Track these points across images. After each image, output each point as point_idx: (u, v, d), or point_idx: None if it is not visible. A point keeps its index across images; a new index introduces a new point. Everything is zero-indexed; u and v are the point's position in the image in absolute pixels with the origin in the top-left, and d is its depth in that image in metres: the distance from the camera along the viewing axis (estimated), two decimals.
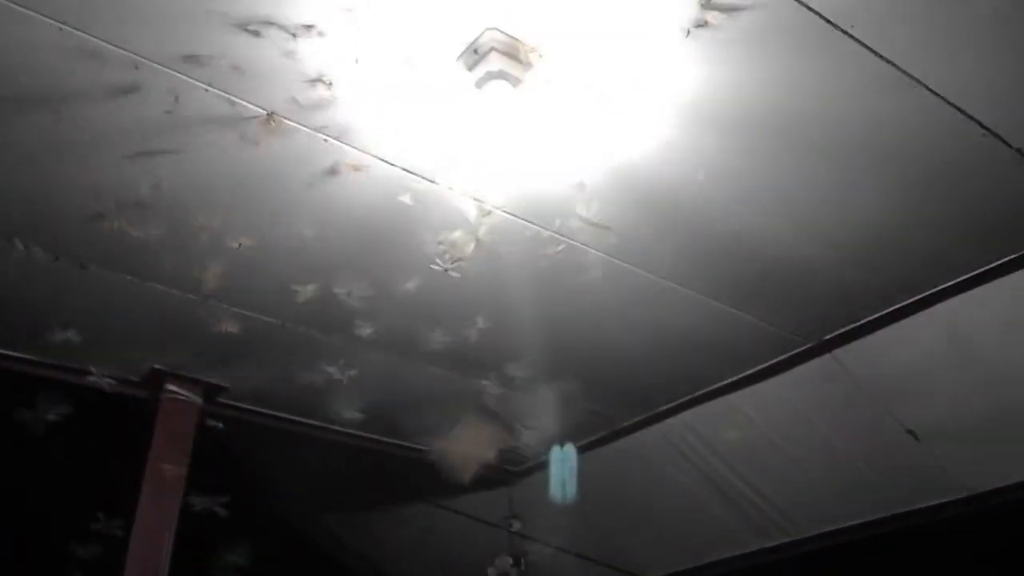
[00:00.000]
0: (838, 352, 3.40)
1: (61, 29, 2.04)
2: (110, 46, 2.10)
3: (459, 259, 2.76)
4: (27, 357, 3.43)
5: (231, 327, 3.20)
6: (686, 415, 3.95)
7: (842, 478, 3.70)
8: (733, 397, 3.76)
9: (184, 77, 2.20)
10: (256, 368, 3.59)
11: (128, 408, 3.61)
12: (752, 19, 2.03)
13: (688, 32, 2.06)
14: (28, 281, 2.97)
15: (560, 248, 2.84)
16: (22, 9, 1.99)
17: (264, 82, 2.23)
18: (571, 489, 2.88)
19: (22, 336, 3.33)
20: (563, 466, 2.74)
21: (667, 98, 2.28)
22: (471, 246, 2.70)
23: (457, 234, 2.71)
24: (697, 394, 3.85)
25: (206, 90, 2.24)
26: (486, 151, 2.47)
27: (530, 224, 2.76)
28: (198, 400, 3.64)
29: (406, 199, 2.59)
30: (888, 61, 2.13)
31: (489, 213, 2.68)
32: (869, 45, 2.09)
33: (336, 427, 4.05)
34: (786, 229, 2.76)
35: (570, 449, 2.68)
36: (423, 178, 2.57)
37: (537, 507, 4.58)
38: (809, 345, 3.43)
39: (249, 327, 3.23)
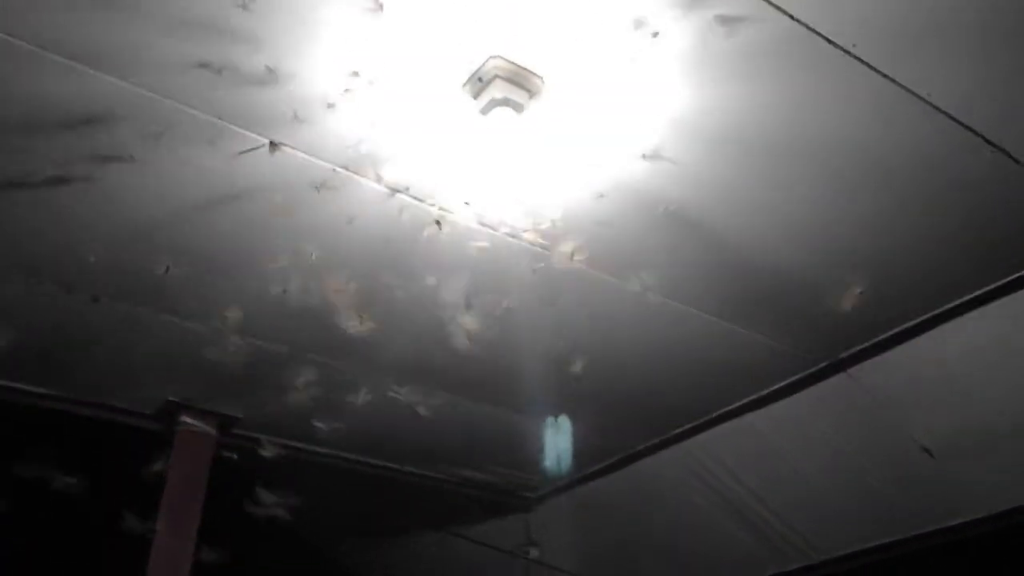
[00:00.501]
0: (853, 370, 3.37)
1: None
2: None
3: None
4: (39, 391, 3.45)
5: (244, 357, 3.21)
6: (702, 437, 3.92)
7: (859, 498, 3.66)
8: (749, 418, 3.73)
9: (186, 108, 2.22)
10: (270, 398, 3.59)
11: (141, 441, 3.62)
12: (754, 41, 2.04)
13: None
14: (41, 314, 2.99)
15: (566, 271, 2.84)
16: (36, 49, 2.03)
17: (266, 113, 2.25)
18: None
19: (35, 369, 3.36)
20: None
21: (671, 120, 2.29)
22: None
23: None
24: (712, 416, 3.82)
25: (215, 122, 2.26)
26: (491, 175, 2.49)
27: (534, 248, 2.76)
28: (212, 431, 3.65)
29: (412, 225, 2.61)
30: (891, 79, 2.13)
31: (495, 237, 2.70)
32: (872, 64, 2.09)
33: (350, 455, 4.04)
34: (797, 248, 2.75)
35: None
36: (430, 204, 2.58)
37: (555, 534, 4.55)
38: (824, 364, 3.40)
39: (262, 356, 3.24)
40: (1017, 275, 2.88)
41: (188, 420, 3.61)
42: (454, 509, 4.55)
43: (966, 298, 3.00)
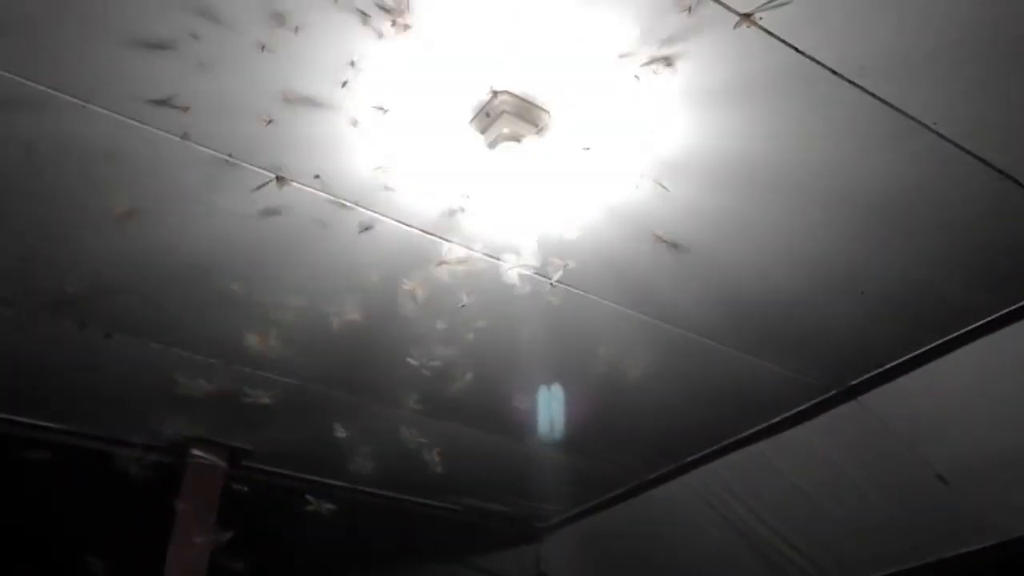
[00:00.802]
0: (864, 398, 3.36)
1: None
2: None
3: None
4: (51, 425, 3.46)
5: (256, 391, 3.22)
6: (713, 466, 3.90)
7: (873, 526, 3.63)
8: (760, 446, 3.72)
9: (199, 146, 2.25)
10: (280, 430, 3.60)
11: (152, 475, 3.62)
12: (758, 73, 2.06)
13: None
14: (53, 350, 3.01)
15: (571, 300, 2.85)
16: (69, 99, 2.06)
17: (272, 147, 2.28)
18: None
19: (46, 404, 3.37)
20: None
21: (675, 153, 2.30)
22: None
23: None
24: (723, 444, 3.81)
25: (227, 160, 2.29)
26: (496, 206, 2.50)
27: (540, 277, 2.77)
28: (223, 464, 3.65)
29: (419, 257, 2.64)
30: (897, 109, 2.14)
31: (500, 267, 2.71)
32: (877, 94, 2.11)
33: (360, 487, 4.04)
34: (804, 277, 2.75)
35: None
36: (439, 237, 2.60)
37: (565, 564, 4.52)
38: (834, 392, 3.39)
39: (273, 390, 3.24)
40: None
41: (198, 453, 3.62)
42: (463, 540, 4.53)
43: (976, 324, 2.99)
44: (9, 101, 2.07)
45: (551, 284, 2.76)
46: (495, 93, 2.12)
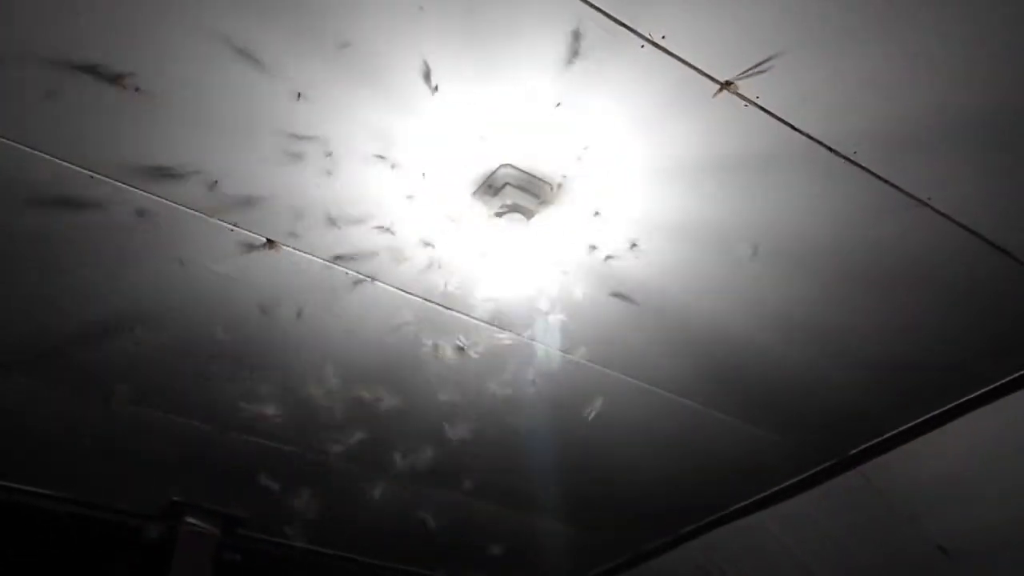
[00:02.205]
0: (863, 467, 3.35)
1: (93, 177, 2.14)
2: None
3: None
4: (44, 492, 3.42)
5: (249, 457, 3.20)
6: (711, 536, 3.86)
7: None
8: (759, 516, 3.69)
9: (187, 209, 2.28)
10: (275, 497, 3.56)
11: (145, 542, 3.58)
12: (756, 151, 2.10)
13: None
14: (50, 415, 2.99)
15: (570, 369, 2.86)
16: (47, 157, 2.09)
17: (268, 211, 2.30)
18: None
19: (41, 470, 3.34)
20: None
21: (675, 225, 2.33)
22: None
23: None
24: (722, 513, 3.78)
25: (207, 219, 2.31)
26: (497, 277, 2.53)
27: (539, 344, 2.78)
28: (216, 532, 3.60)
29: (421, 325, 2.65)
30: (892, 184, 2.19)
31: (498, 335, 2.72)
32: (872, 170, 2.15)
33: (355, 556, 3.98)
34: (802, 348, 2.77)
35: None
36: (442, 306, 2.62)
37: None
38: (833, 461, 3.38)
39: (267, 456, 3.22)
40: None
41: (191, 520, 3.57)
42: None
43: (975, 394, 3.01)
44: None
45: (540, 345, 2.77)
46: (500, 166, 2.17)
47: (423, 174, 2.19)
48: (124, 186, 2.17)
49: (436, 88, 1.95)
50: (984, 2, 1.78)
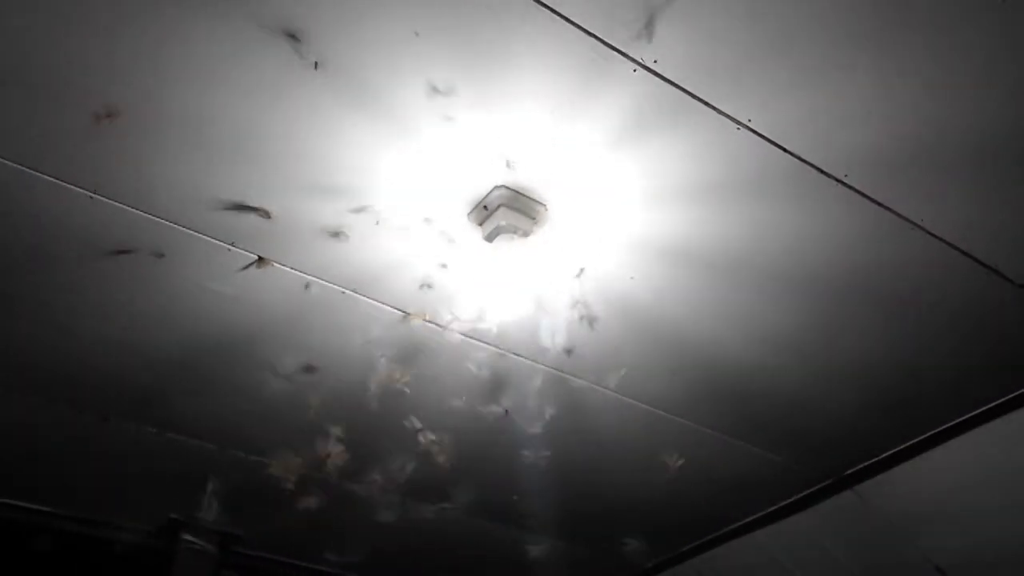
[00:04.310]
0: (860, 487, 3.35)
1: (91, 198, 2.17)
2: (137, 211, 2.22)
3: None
4: (42, 509, 3.43)
5: (249, 475, 3.20)
6: (708, 554, 3.86)
7: None
8: (756, 535, 3.68)
9: (187, 230, 2.30)
10: (273, 515, 3.56)
11: (142, 559, 3.58)
12: (746, 174, 2.12)
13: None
14: (48, 433, 3.00)
15: (567, 387, 2.87)
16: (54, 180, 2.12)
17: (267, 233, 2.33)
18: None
19: (37, 487, 3.35)
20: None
21: (666, 246, 2.35)
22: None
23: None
24: (720, 532, 3.78)
25: (229, 249, 2.34)
26: (493, 296, 2.54)
27: (536, 364, 2.79)
28: (214, 550, 3.61)
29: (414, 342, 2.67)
30: (884, 206, 2.20)
31: (495, 352, 2.73)
32: (864, 192, 2.16)
33: (352, 574, 3.98)
34: (798, 368, 2.78)
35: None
36: (432, 323, 2.63)
37: None
38: (830, 481, 3.38)
39: (267, 474, 3.22)
40: (1021, 391, 2.90)
41: (189, 538, 3.58)
42: None
43: (969, 415, 3.00)
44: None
45: (534, 363, 2.78)
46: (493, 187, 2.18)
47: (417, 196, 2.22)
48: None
49: (432, 109, 1.98)
50: (976, 23, 1.79)
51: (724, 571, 3.85)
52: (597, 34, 1.81)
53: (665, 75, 1.89)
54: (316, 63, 1.85)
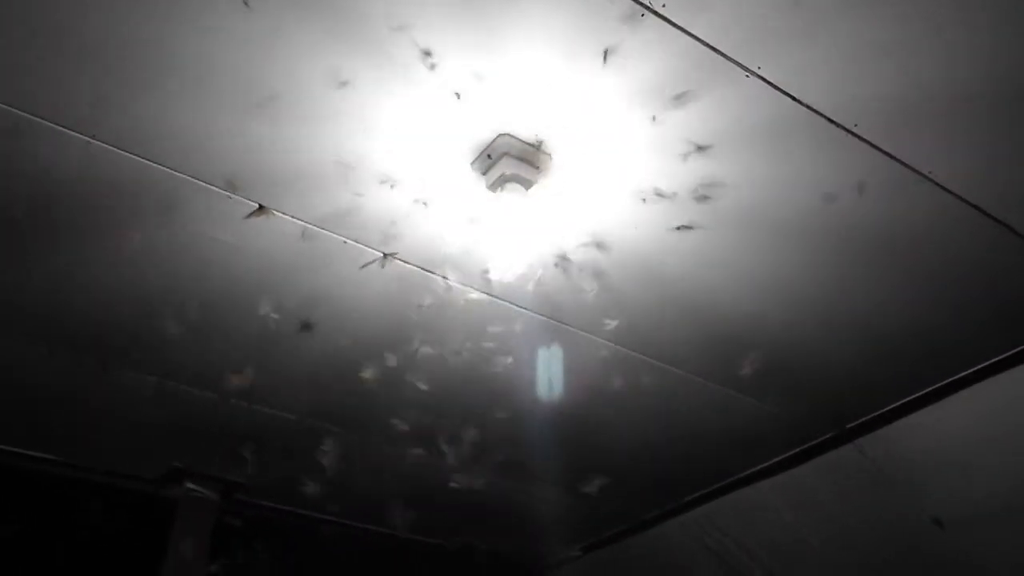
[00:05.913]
0: (861, 441, 3.36)
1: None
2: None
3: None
4: (46, 456, 3.45)
5: (250, 424, 3.21)
6: (709, 506, 3.89)
7: (868, 570, 3.60)
8: (756, 487, 3.71)
9: (193, 180, 2.28)
10: (274, 464, 3.58)
11: (146, 507, 3.61)
12: (756, 122, 2.08)
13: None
14: (50, 382, 3.00)
15: (572, 340, 2.86)
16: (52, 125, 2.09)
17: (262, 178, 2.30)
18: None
19: (40, 435, 3.36)
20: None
21: (674, 194, 2.32)
22: None
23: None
24: (720, 485, 3.80)
25: (221, 193, 2.31)
26: (497, 247, 2.52)
27: (538, 315, 2.78)
28: (216, 498, 3.63)
29: (423, 297, 2.65)
30: (893, 157, 2.17)
31: (500, 305, 2.72)
32: (873, 142, 2.13)
33: (354, 523, 4.02)
34: (802, 320, 2.76)
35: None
36: (438, 275, 2.62)
37: None
38: (831, 434, 3.39)
39: (268, 423, 3.24)
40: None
41: (191, 486, 3.60)
42: None
43: (973, 369, 3.00)
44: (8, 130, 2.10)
45: (543, 316, 2.77)
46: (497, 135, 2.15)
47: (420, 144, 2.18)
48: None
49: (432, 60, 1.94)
50: None
51: (724, 523, 3.88)
52: None
53: (673, 20, 1.85)
54: None
